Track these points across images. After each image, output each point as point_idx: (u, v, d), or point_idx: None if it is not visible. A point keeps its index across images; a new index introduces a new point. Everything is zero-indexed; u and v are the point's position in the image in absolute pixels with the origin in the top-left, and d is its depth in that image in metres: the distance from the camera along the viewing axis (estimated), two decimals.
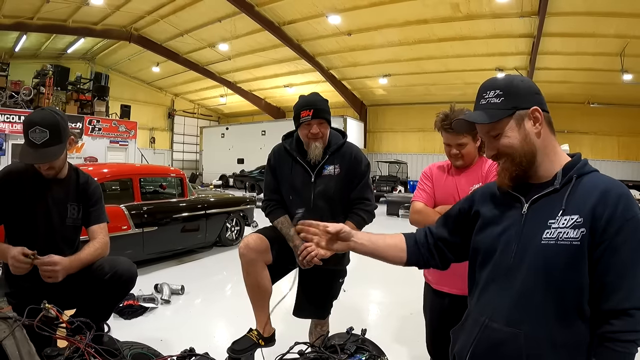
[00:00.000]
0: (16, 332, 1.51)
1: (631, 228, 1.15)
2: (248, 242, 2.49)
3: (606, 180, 1.25)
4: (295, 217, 2.49)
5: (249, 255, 2.49)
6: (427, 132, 22.52)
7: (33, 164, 2.27)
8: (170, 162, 29.50)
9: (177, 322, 4.36)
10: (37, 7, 15.72)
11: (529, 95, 1.34)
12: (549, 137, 1.34)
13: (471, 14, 14.52)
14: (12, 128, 16.34)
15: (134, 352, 2.08)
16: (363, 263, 2.60)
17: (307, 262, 2.32)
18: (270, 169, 2.74)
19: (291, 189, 2.66)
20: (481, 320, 1.36)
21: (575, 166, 1.30)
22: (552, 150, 1.34)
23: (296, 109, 2.60)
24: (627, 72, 15.46)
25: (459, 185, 2.29)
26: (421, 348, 2.58)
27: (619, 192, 1.19)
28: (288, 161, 2.69)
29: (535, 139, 1.32)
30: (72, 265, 2.18)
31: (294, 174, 2.66)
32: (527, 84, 1.37)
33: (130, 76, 26.29)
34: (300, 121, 2.55)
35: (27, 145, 2.18)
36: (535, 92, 1.36)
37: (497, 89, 1.35)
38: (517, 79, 1.38)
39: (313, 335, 2.84)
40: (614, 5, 12.28)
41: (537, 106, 1.32)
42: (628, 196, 1.18)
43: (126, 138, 20.13)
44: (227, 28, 17.88)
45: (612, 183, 1.23)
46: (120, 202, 5.81)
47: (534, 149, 1.32)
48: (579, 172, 1.28)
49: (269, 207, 2.71)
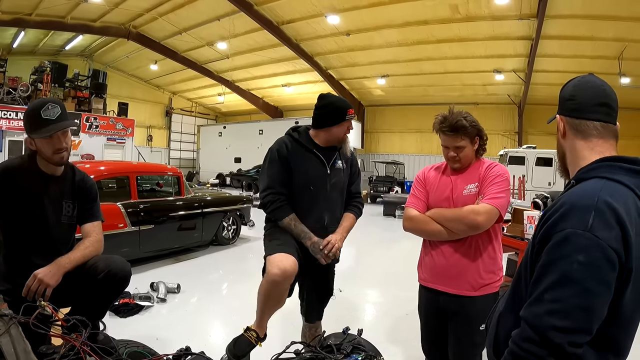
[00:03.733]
0: (12, 329, 1.50)
1: (555, 240, 1.11)
2: (286, 269, 2.36)
3: (580, 190, 1.19)
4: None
5: (285, 284, 2.43)
6: (425, 133, 22.60)
7: (58, 131, 2.23)
8: (168, 160, 29.45)
9: (173, 321, 4.35)
10: (35, 3, 15.68)
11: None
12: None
13: (470, 16, 14.57)
14: (9, 124, 16.27)
15: (130, 350, 2.07)
16: (359, 264, 2.59)
17: (333, 254, 2.53)
18: (281, 159, 2.65)
19: (308, 180, 2.67)
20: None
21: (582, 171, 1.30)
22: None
23: (340, 107, 2.69)
24: (625, 75, 15.52)
25: (454, 185, 2.29)
26: (417, 348, 2.59)
27: (572, 202, 1.14)
28: (302, 153, 2.69)
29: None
30: (64, 266, 2.18)
31: (310, 165, 2.68)
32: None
33: (128, 74, 26.26)
34: (347, 118, 2.69)
35: (43, 124, 2.19)
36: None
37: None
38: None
39: (307, 337, 2.85)
40: (613, 9, 12.34)
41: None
42: (576, 209, 1.11)
43: (123, 136, 20.07)
44: (226, 27, 17.88)
45: (581, 193, 1.16)
46: (116, 200, 5.80)
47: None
48: (578, 177, 1.27)
49: (278, 201, 2.61)
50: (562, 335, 1.04)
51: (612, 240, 1.05)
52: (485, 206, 2.13)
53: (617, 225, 1.07)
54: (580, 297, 1.04)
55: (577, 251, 1.06)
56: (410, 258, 2.96)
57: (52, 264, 2.18)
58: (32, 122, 2.22)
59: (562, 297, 1.06)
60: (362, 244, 9.38)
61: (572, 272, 1.05)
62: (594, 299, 1.05)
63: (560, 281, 1.07)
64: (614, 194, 1.13)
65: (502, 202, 2.15)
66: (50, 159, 2.31)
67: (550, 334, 1.05)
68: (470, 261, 2.21)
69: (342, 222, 2.78)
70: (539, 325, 1.07)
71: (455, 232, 2.19)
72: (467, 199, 2.23)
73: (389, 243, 10.03)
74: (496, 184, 2.18)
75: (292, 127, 2.84)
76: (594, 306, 1.05)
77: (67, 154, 2.33)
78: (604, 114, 1.32)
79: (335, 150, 2.77)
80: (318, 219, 2.69)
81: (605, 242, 1.05)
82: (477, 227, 2.13)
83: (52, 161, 2.32)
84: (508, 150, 17.15)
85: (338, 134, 2.71)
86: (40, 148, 2.28)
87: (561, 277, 1.07)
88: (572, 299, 1.05)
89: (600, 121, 1.31)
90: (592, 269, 1.04)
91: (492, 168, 2.25)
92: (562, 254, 1.08)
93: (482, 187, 2.21)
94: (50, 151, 2.27)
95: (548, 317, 1.06)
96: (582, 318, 1.05)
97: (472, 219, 2.12)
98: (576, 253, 1.06)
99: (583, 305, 1.05)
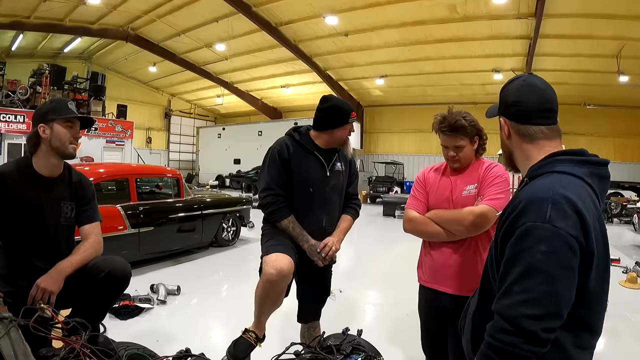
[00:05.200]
0: (12, 332, 1.50)
1: (516, 235, 1.16)
2: (282, 269, 2.37)
3: (535, 186, 1.25)
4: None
5: (282, 284, 2.44)
6: (424, 133, 22.58)
7: (87, 119, 2.55)
8: (167, 162, 29.43)
9: (173, 323, 4.34)
10: (34, 6, 15.68)
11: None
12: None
13: (468, 16, 14.56)
14: (8, 127, 16.23)
15: (130, 352, 2.07)
16: (359, 264, 2.60)
17: (330, 257, 2.55)
18: (281, 160, 2.63)
19: (308, 182, 2.66)
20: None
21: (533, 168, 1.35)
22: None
23: (344, 110, 2.70)
24: (623, 73, 15.55)
25: (454, 186, 2.30)
26: (417, 349, 2.59)
27: (529, 197, 1.19)
28: (303, 154, 2.69)
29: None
30: (64, 270, 2.19)
31: (310, 167, 2.68)
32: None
33: (126, 76, 26.22)
34: (350, 120, 2.71)
35: (70, 113, 2.36)
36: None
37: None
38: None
39: (306, 338, 2.86)
40: (611, 7, 12.35)
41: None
42: (534, 203, 1.17)
43: (122, 138, 20.03)
44: (224, 28, 17.87)
45: (536, 189, 1.22)
46: (116, 202, 5.79)
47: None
48: (531, 175, 1.32)
49: (277, 203, 2.61)
50: (535, 322, 1.09)
51: (570, 228, 1.11)
52: (483, 207, 2.13)
53: (575, 214, 1.13)
54: (546, 284, 1.10)
55: (538, 242, 1.12)
56: (409, 258, 2.96)
57: (53, 269, 2.18)
58: (58, 108, 2.34)
59: (530, 286, 1.11)
60: (362, 244, 9.39)
61: (536, 261, 1.11)
62: (560, 285, 1.11)
63: (527, 272, 1.12)
64: (566, 185, 1.19)
65: (501, 202, 2.15)
66: (64, 149, 2.34)
67: (523, 322, 1.10)
68: (469, 261, 2.21)
69: (340, 224, 2.79)
70: (511, 315, 1.12)
71: (455, 233, 2.20)
72: (466, 200, 2.23)
73: (389, 243, 10.03)
74: (495, 184, 2.19)
75: (293, 128, 2.83)
76: (561, 291, 1.11)
77: (78, 146, 2.40)
78: (549, 118, 1.37)
79: (335, 152, 2.78)
80: (316, 221, 2.69)
81: (564, 230, 1.11)
82: (476, 228, 2.14)
83: (65, 151, 2.34)
84: None
85: (340, 137, 2.72)
86: (56, 135, 2.31)
87: (527, 268, 1.12)
88: (540, 286, 1.10)
89: (545, 125, 1.36)
90: (554, 257, 1.10)
91: (491, 169, 2.25)
92: (525, 247, 1.14)
93: (481, 188, 2.22)
94: (67, 138, 2.33)
95: (519, 307, 1.11)
96: (551, 303, 1.10)
97: (470, 220, 2.13)
98: (538, 244, 1.12)
99: (550, 291, 1.10)
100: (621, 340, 4.21)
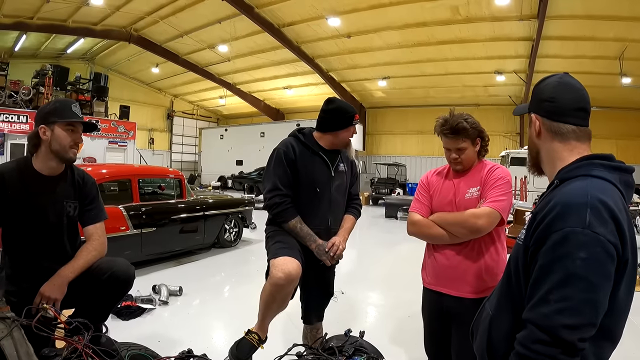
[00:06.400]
0: (14, 332, 1.51)
1: (553, 240, 1.12)
2: (291, 273, 2.36)
3: (569, 189, 1.20)
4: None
5: (289, 288, 2.43)
6: (426, 134, 22.57)
7: (88, 121, 2.50)
8: (169, 163, 29.46)
9: (175, 324, 4.34)
10: (37, 6, 15.73)
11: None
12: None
13: (470, 17, 14.57)
14: (11, 128, 16.30)
15: (132, 353, 2.07)
16: (361, 265, 2.60)
17: (338, 256, 2.59)
18: (287, 161, 2.65)
19: (314, 182, 2.69)
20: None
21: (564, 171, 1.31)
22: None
23: (348, 112, 2.75)
24: (626, 75, 15.52)
25: (457, 189, 2.30)
26: (419, 350, 2.58)
27: (565, 201, 1.15)
28: (308, 155, 2.72)
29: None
30: (67, 276, 2.19)
31: (316, 168, 2.72)
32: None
33: (129, 77, 26.31)
34: (353, 123, 2.76)
35: (73, 116, 2.35)
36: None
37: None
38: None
39: (308, 340, 2.86)
40: (613, 9, 12.33)
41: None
42: (571, 207, 1.12)
43: (125, 139, 20.08)
44: (227, 29, 17.92)
45: (571, 192, 1.17)
46: (118, 203, 5.80)
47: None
48: (562, 177, 1.28)
49: (284, 203, 2.61)
50: (573, 332, 1.05)
51: (609, 234, 1.08)
52: (486, 209, 2.13)
53: (612, 220, 1.10)
54: (587, 292, 1.06)
55: (578, 248, 1.07)
56: (412, 260, 2.96)
57: (56, 276, 2.17)
58: (60, 110, 2.31)
59: (569, 294, 1.07)
60: (364, 246, 9.37)
61: (576, 269, 1.07)
62: (599, 293, 1.07)
63: (566, 279, 1.08)
64: (603, 190, 1.15)
65: (504, 205, 2.15)
66: (64, 153, 2.31)
67: (561, 332, 1.06)
68: (472, 263, 2.21)
69: (343, 223, 2.82)
70: (549, 325, 1.07)
71: (457, 235, 2.21)
72: (469, 202, 2.24)
73: (391, 245, 10.02)
74: (497, 187, 2.19)
75: (297, 129, 2.86)
76: (600, 300, 1.08)
77: (78, 150, 2.39)
78: (582, 118, 1.34)
79: (338, 153, 2.82)
80: (322, 221, 2.72)
81: (603, 237, 1.07)
82: (478, 231, 2.14)
83: (65, 155, 2.32)
84: (510, 152, 17.12)
85: (344, 138, 2.78)
86: (57, 138, 2.28)
87: (566, 276, 1.08)
88: (580, 295, 1.06)
89: (577, 125, 1.33)
90: (595, 264, 1.07)
91: (493, 171, 2.25)
92: (564, 253, 1.09)
93: (483, 191, 2.22)
94: (68, 142, 2.31)
95: (557, 316, 1.07)
96: (591, 312, 1.07)
97: (473, 222, 2.13)
98: (578, 250, 1.07)
99: (590, 299, 1.06)
100: (622, 342, 4.17)
